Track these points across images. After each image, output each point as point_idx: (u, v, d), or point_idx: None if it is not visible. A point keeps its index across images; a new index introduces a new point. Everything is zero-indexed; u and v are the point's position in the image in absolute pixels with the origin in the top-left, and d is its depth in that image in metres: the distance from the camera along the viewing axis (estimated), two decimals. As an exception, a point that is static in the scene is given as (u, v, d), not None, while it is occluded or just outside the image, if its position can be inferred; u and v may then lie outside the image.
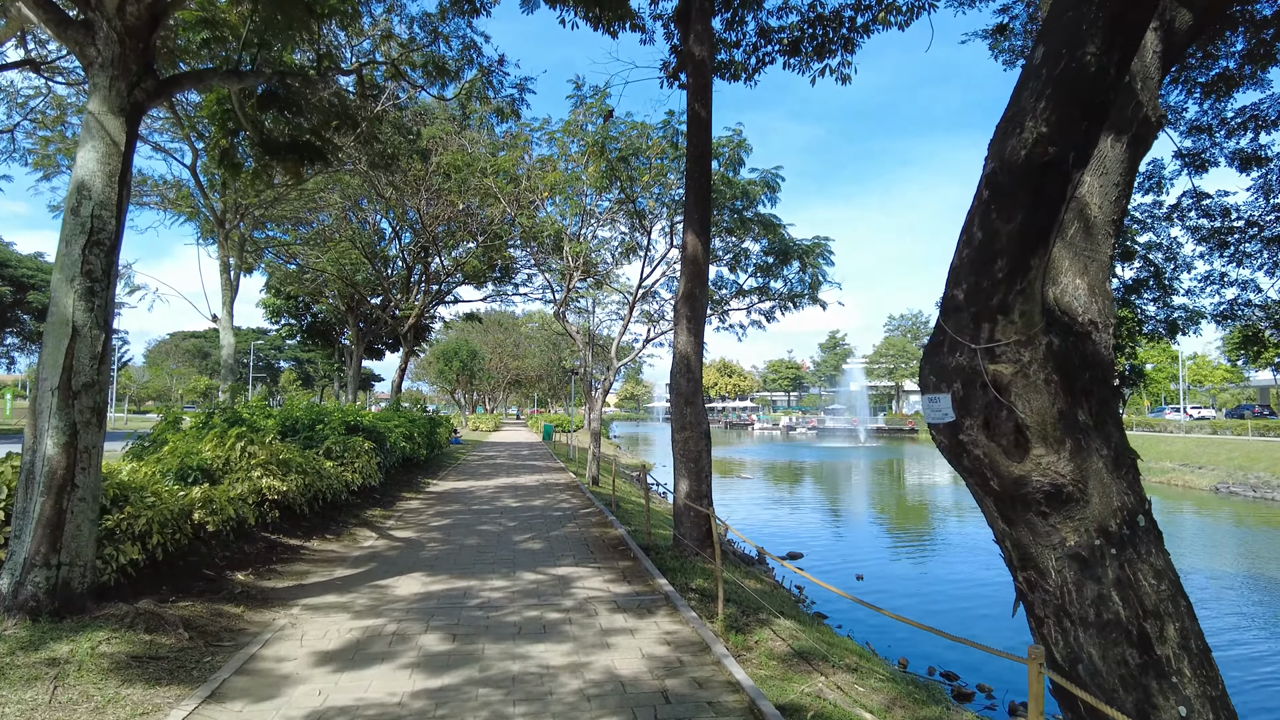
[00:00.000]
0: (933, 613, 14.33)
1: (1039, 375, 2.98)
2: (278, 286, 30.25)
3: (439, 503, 14.90)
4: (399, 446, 17.54)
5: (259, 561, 8.73)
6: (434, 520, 12.62)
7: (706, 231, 10.64)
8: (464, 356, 62.91)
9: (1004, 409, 3.01)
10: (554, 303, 27.01)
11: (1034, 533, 3.13)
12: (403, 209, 23.02)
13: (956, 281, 3.06)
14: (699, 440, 10.55)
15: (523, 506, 14.46)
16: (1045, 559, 3.12)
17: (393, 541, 10.62)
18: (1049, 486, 3.02)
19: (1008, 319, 2.95)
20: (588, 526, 12.00)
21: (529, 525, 12.08)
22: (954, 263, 3.09)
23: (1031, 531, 3.14)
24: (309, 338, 39.37)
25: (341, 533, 11.11)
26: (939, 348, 3.19)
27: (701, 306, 10.67)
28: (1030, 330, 2.97)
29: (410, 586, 7.98)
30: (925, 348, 3.34)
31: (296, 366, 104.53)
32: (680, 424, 10.57)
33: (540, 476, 20.64)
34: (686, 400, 10.55)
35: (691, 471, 10.47)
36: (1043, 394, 2.98)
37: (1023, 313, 2.95)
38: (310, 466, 11.31)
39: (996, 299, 2.94)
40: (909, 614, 13.12)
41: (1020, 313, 2.94)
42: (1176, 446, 40.45)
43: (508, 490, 17.14)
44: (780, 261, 18.74)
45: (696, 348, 10.56)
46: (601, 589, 7.91)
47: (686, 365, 10.52)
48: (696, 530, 10.34)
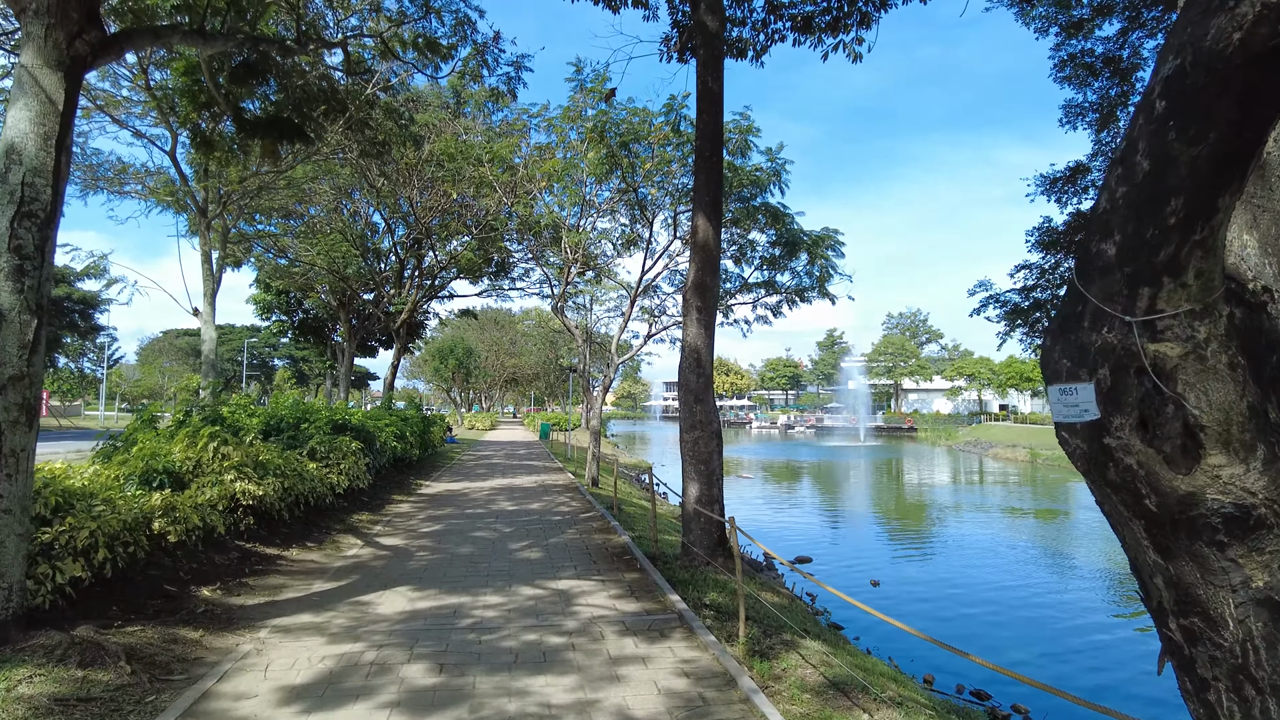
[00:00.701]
0: (950, 620, 13.59)
1: (1219, 358, 2.20)
2: (267, 281, 29.38)
3: (431, 506, 14.10)
4: (390, 446, 16.75)
5: (229, 574, 7.93)
6: (424, 526, 11.82)
7: (718, 214, 9.85)
8: (460, 354, 62.04)
9: (1169, 403, 2.23)
10: (552, 298, 26.24)
11: (1204, 568, 2.35)
12: (395, 200, 22.18)
13: (1105, 232, 2.28)
14: (710, 440, 9.77)
15: (519, 510, 13.67)
16: (1220, 604, 2.34)
17: (379, 550, 9.83)
18: (1231, 508, 2.23)
19: (1177, 281, 2.17)
20: (589, 533, 11.22)
21: (526, 531, 11.30)
22: (1099, 208, 2.31)
23: (1200, 567, 2.36)
24: (300, 334, 38.50)
25: (324, 540, 10.31)
26: (1075, 321, 2.41)
27: (713, 296, 9.89)
28: (1208, 296, 2.19)
29: (395, 603, 7.18)
30: (1053, 323, 2.55)
31: (291, 365, 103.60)
32: (689, 423, 9.80)
33: (538, 477, 19.85)
34: (696, 397, 9.77)
35: (702, 474, 9.69)
36: (1226, 383, 2.20)
37: (1199, 273, 2.17)
38: (291, 469, 10.51)
39: (1164, 254, 2.15)
40: (924, 620, 12.34)
41: (1196, 273, 2.16)
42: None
43: (503, 492, 16.35)
44: (788, 253, 17.97)
45: (707, 341, 9.78)
46: (607, 606, 7.13)
47: (696, 359, 9.74)
48: (707, 538, 9.57)
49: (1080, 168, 10.27)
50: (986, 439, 63.51)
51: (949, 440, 72.15)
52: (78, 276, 39.24)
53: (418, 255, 25.31)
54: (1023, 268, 11.17)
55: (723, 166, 9.95)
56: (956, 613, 14.08)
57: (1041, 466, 46.12)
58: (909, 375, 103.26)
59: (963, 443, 66.99)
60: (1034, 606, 14.58)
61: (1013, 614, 14.04)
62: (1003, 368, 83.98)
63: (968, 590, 15.83)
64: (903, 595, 15.40)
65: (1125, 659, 11.72)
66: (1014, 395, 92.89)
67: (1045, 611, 14.30)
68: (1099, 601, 15.18)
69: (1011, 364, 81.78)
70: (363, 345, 39.15)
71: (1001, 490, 35.06)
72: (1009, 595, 15.35)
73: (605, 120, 16.03)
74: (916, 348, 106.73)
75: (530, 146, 19.53)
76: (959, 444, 67.36)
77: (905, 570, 17.54)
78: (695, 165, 9.94)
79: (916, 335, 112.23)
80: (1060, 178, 10.48)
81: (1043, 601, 15.03)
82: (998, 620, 13.64)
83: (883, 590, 15.44)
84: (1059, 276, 10.77)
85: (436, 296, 28.70)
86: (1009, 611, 14.17)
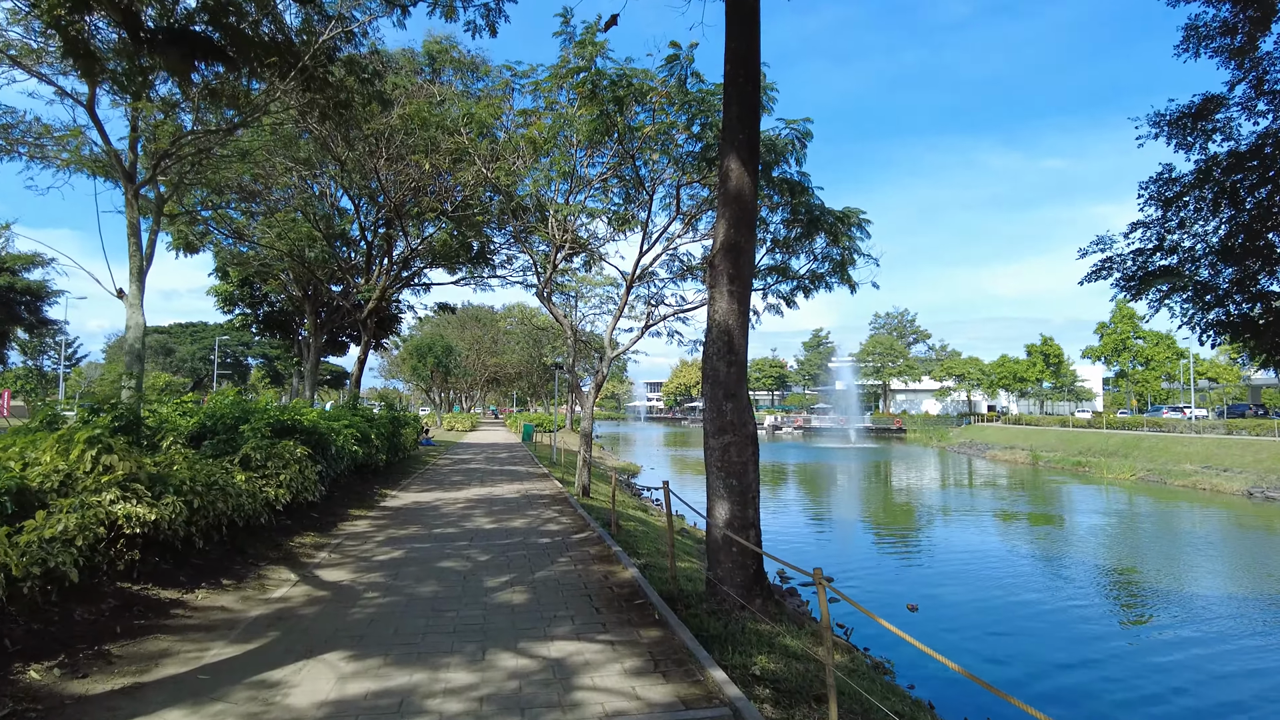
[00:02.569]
0: (1007, 658, 11.54)
1: None
2: (224, 268, 26.87)
3: (393, 523, 11.84)
4: (348, 451, 14.42)
5: (89, 637, 5.66)
6: (381, 552, 9.57)
7: (755, 157, 7.72)
8: (439, 352, 59.45)
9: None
10: (536, 285, 23.97)
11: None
12: (361, 173, 19.80)
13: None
14: (744, 447, 7.63)
15: (499, 529, 11.44)
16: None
17: (316, 589, 7.58)
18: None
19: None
20: (586, 561, 9.02)
21: (507, 560, 9.08)
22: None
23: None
24: (265, 329, 35.90)
25: (248, 575, 8.04)
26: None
27: (749, 261, 7.74)
28: None
29: (317, 685, 4.97)
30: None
31: (265, 364, 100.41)
32: (718, 425, 7.64)
33: (521, 486, 17.61)
34: (727, 392, 7.62)
35: (734, 491, 7.55)
36: None
37: None
38: (209, 482, 8.24)
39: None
40: (971, 653, 10.14)
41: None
42: (1194, 448, 38.26)
43: (481, 505, 14.11)
44: (806, 234, 15.87)
45: (741, 319, 7.63)
46: (624, 692, 4.94)
47: (728, 343, 7.59)
48: (741, 572, 7.43)
49: (1213, 101, 8.28)
50: (981, 440, 61.98)
51: (940, 441, 70.62)
52: (24, 265, 36.34)
53: (387, 238, 22.94)
54: (1139, 226, 9.13)
55: (760, 97, 7.81)
56: (1018, 649, 12.03)
57: (1044, 469, 44.52)
58: (897, 375, 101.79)
59: (956, 444, 65.44)
60: (1104, 633, 12.55)
61: (1082, 645, 12.01)
62: (994, 367, 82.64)
63: (1016, 615, 13.81)
64: (943, 619, 13.35)
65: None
66: (1002, 396, 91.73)
67: (1122, 643, 12.28)
68: (1169, 626, 13.17)
69: (1004, 363, 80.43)
70: (333, 341, 36.68)
71: (1015, 495, 33.22)
72: (1063, 618, 13.34)
73: (597, 77, 13.84)
74: (905, 347, 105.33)
75: (514, 112, 17.27)
76: (952, 445, 65.81)
77: (939, 591, 15.51)
78: (726, 96, 7.80)
79: (904, 335, 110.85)
80: (1184, 114, 8.48)
81: (1109, 626, 13.01)
82: (1077, 657, 11.60)
83: (924, 616, 13.40)
84: (1194, 235, 8.76)
85: (409, 285, 26.33)
86: (1080, 645, 12.13)
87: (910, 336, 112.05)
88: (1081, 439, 49.20)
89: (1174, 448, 39.56)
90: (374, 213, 21.73)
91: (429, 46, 21.34)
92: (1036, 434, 56.69)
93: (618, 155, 16.57)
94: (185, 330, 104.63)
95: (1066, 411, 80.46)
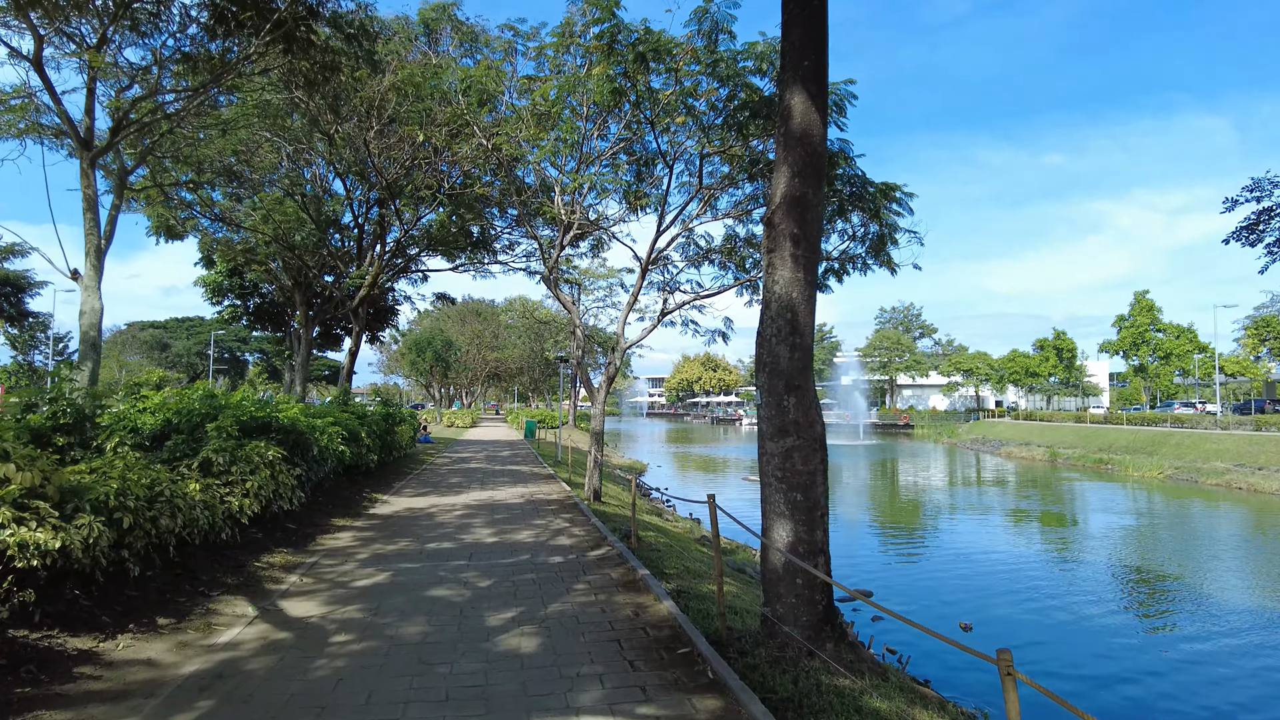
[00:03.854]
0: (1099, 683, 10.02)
1: None
2: (209, 255, 25.32)
3: (380, 537, 10.32)
4: (334, 452, 12.89)
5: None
6: (362, 575, 8.04)
7: (823, 88, 6.17)
8: (438, 346, 57.93)
9: None
10: (539, 273, 22.41)
11: None
12: (351, 149, 18.21)
13: None
14: (811, 454, 6.09)
15: (502, 544, 9.92)
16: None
17: (275, 629, 6.06)
18: None
19: None
20: (608, 589, 7.49)
21: (513, 586, 7.55)
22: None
23: None
24: (256, 321, 34.38)
25: (194, 609, 6.52)
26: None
27: (816, 219, 6.20)
28: None
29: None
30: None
31: (263, 359, 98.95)
32: (778, 425, 6.11)
33: (525, 489, 16.09)
34: (789, 384, 6.08)
35: (798, 508, 6.02)
36: None
37: None
38: (148, 493, 6.72)
39: None
40: (1059, 677, 8.46)
41: None
42: (1224, 445, 36.71)
43: (482, 512, 12.58)
44: (841, 210, 14.31)
45: (808, 291, 6.10)
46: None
47: (790, 322, 6.06)
48: (808, 609, 5.91)
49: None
50: (994, 436, 60.42)
51: (950, 438, 69.06)
52: (3, 255, 34.78)
53: (380, 222, 21.35)
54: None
55: (827, 15, 6.25)
56: (1101, 671, 10.51)
57: (1064, 467, 42.99)
58: (904, 371, 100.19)
59: (968, 440, 63.89)
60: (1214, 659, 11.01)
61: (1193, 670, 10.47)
62: (1004, 362, 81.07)
63: (1087, 633, 12.30)
64: (1009, 641, 11.82)
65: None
66: (1011, 391, 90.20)
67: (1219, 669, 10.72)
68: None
69: (1015, 358, 78.84)
70: (327, 334, 35.19)
71: (1044, 495, 31.67)
72: (1143, 635, 11.80)
73: (616, 29, 12.28)
74: (912, 341, 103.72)
75: (517, 79, 15.70)
76: (963, 442, 64.26)
77: (989, 603, 13.99)
78: (786, 16, 6.24)
79: (910, 330, 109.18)
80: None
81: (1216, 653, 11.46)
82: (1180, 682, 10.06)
83: (980, 635, 11.88)
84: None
85: (406, 274, 24.77)
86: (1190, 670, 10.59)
87: (916, 331, 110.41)
88: (1100, 435, 47.67)
89: (1202, 445, 38.01)
90: (364, 191, 20.10)
91: (424, 14, 19.76)
92: (1051, 430, 55.14)
93: (632, 126, 15.04)
94: (181, 325, 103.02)
95: (1073, 407, 78.94)
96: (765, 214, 6.27)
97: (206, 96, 14.26)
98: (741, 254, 16.07)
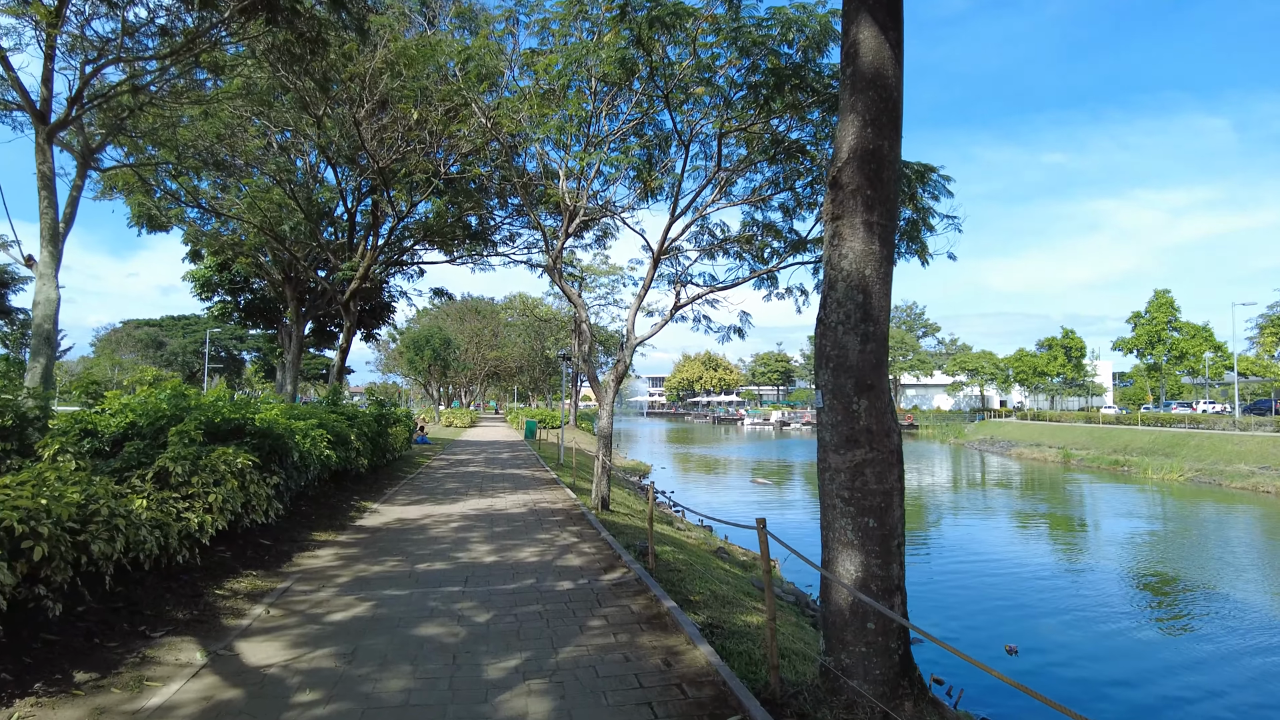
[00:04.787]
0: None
1: None
2: (195, 247, 24.12)
3: (366, 554, 9.15)
4: (319, 457, 11.74)
5: None
6: (340, 605, 6.88)
7: (897, 20, 5.03)
8: (436, 344, 56.75)
9: None
10: (541, 266, 21.24)
11: None
12: (341, 131, 16.99)
13: None
14: (887, 469, 4.93)
15: (503, 564, 8.75)
16: None
17: (224, 685, 4.90)
18: None
19: None
20: (630, 626, 6.32)
21: (516, 623, 6.39)
22: None
23: None
24: (247, 318, 33.19)
25: (127, 655, 5.36)
26: None
27: (893, 178, 5.06)
28: None
29: None
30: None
31: (261, 358, 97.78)
32: (846, 433, 4.94)
33: (527, 495, 14.93)
34: (860, 383, 4.93)
35: (871, 536, 4.87)
36: None
37: None
38: (78, 513, 5.58)
39: None
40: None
41: None
42: (1248, 446, 35.57)
43: (480, 524, 11.42)
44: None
45: (883, 267, 4.95)
46: None
47: (862, 305, 4.90)
48: (882, 660, 4.77)
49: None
50: (1002, 437, 59.28)
51: (956, 438, 67.90)
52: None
53: (373, 211, 20.16)
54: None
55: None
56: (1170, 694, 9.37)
57: (1078, 469, 41.85)
58: (908, 370, 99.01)
59: (975, 441, 62.75)
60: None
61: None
62: (1011, 361, 79.94)
63: (1155, 652, 11.15)
64: (1056, 664, 10.70)
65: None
66: (1016, 391, 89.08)
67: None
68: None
69: (1022, 357, 77.70)
70: (321, 332, 34.05)
71: (1065, 500, 30.53)
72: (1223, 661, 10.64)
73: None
74: (915, 340, 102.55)
75: (519, 54, 14.53)
76: (970, 442, 63.11)
77: (1034, 623, 12.85)
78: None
79: (913, 329, 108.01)
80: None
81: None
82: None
83: (1026, 661, 10.75)
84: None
85: (401, 267, 23.58)
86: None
87: (919, 330, 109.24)
88: (1114, 436, 46.53)
89: (1223, 446, 36.87)
90: (356, 178, 18.88)
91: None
92: (1062, 430, 53.99)
93: (643, 104, 13.89)
94: (176, 323, 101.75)
95: (1075, 407, 77.80)
96: (830, 171, 5.12)
97: (182, 68, 13.08)
98: (760, 243, 14.91)
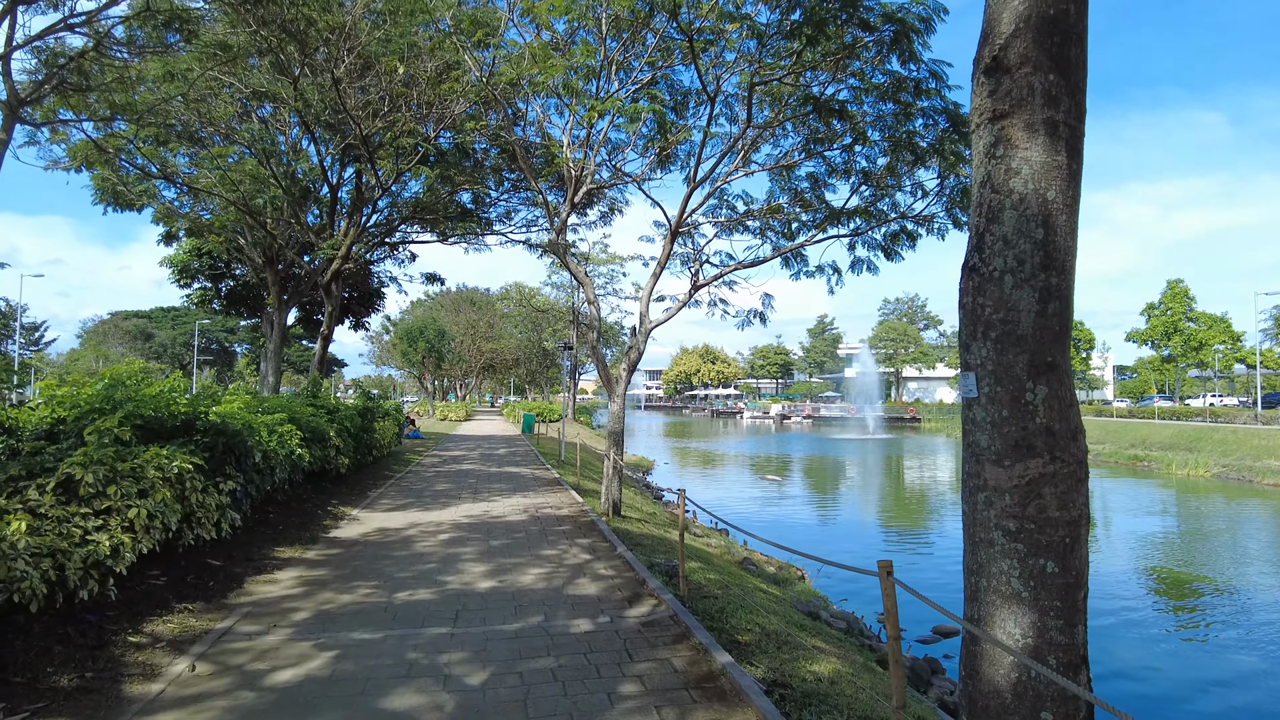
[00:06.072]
0: None
1: None
2: (166, 226, 22.40)
3: (335, 577, 7.54)
4: (288, 457, 10.10)
5: None
6: (289, 658, 5.26)
7: None
8: (430, 336, 55.06)
9: None
10: (540, 246, 19.59)
11: None
12: (319, 94, 15.27)
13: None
14: (1073, 488, 3.28)
15: (501, 593, 7.14)
16: None
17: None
18: None
19: None
20: (676, 693, 4.70)
21: (521, 688, 4.78)
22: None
23: None
24: (229, 306, 31.48)
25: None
26: None
27: (1082, 58, 3.46)
28: None
29: None
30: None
31: (251, 350, 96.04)
32: (1012, 437, 3.30)
33: (528, 499, 13.33)
34: (1035, 361, 3.28)
35: (1049, 585, 3.23)
36: None
37: None
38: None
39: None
40: None
41: None
42: (1276, 441, 34.15)
43: (474, 536, 9.81)
44: (917, 156, 11.55)
45: (1071, 192, 3.33)
46: None
47: (1042, 245, 3.26)
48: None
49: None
50: (1011, 431, 57.77)
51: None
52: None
53: (356, 188, 18.47)
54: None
55: None
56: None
57: (1094, 463, 40.39)
58: (910, 363, 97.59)
59: (982, 435, 61.21)
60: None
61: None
62: (1016, 354, 78.47)
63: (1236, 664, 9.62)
64: (1144, 685, 9.16)
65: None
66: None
67: None
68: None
69: (1029, 350, 76.23)
70: (309, 321, 32.37)
71: (1093, 491, 29.02)
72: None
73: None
74: (918, 332, 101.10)
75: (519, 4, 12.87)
76: (978, 436, 61.55)
77: (1100, 636, 11.31)
78: None
79: (915, 321, 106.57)
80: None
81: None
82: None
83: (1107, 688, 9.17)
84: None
85: (390, 248, 21.90)
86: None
87: (921, 322, 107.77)
88: (1129, 430, 45.13)
89: (1249, 441, 35.46)
90: (338, 145, 17.12)
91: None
92: (1074, 424, 52.55)
93: (657, 60, 12.27)
94: (166, 314, 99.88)
95: (1081, 399, 76.47)
96: (982, 53, 3.52)
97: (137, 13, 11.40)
98: (790, 214, 13.30)
